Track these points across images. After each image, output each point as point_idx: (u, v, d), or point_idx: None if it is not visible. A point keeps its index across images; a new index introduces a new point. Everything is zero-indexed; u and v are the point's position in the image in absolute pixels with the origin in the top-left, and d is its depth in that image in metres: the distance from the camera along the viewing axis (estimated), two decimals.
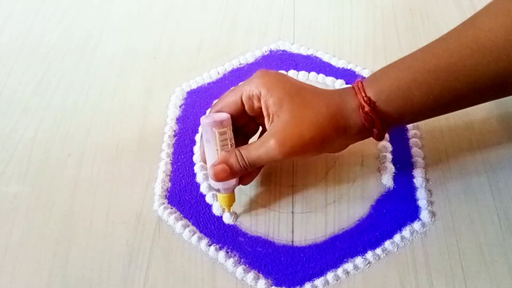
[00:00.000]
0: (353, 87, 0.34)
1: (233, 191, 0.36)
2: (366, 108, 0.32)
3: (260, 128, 0.38)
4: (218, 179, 0.34)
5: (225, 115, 0.34)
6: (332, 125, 0.32)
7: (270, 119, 0.34)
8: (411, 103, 0.32)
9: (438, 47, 0.32)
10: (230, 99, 0.35)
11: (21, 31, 0.54)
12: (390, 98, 0.32)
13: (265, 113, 0.34)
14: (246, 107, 0.35)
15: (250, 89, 0.34)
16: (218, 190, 0.36)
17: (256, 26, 0.53)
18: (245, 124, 0.37)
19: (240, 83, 0.35)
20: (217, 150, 0.34)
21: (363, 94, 0.32)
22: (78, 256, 0.36)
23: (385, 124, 0.33)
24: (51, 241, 0.37)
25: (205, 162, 0.36)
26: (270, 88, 0.33)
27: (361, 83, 0.33)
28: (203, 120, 0.34)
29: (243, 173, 0.35)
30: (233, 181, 0.35)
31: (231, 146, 0.35)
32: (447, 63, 0.31)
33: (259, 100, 0.34)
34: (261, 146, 0.33)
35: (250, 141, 0.38)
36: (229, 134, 0.34)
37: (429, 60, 0.32)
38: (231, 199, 0.36)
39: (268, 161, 0.34)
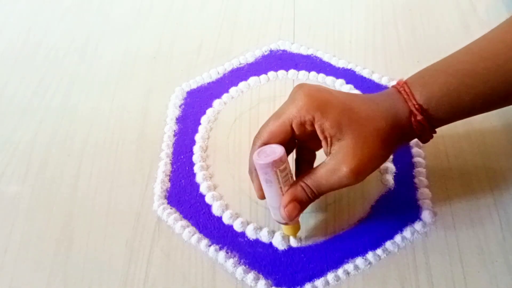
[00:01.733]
0: (400, 92, 0.32)
1: (298, 220, 0.35)
2: (419, 117, 0.31)
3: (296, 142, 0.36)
4: (292, 218, 0.33)
5: (280, 150, 0.32)
6: (395, 137, 0.32)
7: (329, 143, 0.32)
8: (460, 107, 0.32)
9: (485, 50, 0.32)
10: (278, 128, 0.32)
11: (21, 32, 0.54)
12: (439, 104, 0.31)
13: (321, 137, 0.32)
14: (297, 133, 0.32)
15: (301, 115, 0.31)
16: (285, 223, 0.34)
17: (256, 26, 0.53)
18: (290, 148, 0.35)
19: (282, 108, 0.33)
20: (280, 188, 0.32)
21: (414, 102, 0.31)
22: (78, 256, 0.36)
23: (433, 129, 0.33)
24: (51, 241, 0.37)
25: (261, 198, 0.34)
26: (323, 111, 0.31)
27: (408, 87, 0.32)
28: (259, 162, 0.31)
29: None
30: None
31: (291, 178, 0.33)
32: (495, 66, 0.31)
33: (312, 125, 0.31)
34: (332, 175, 0.31)
35: (292, 160, 0.36)
36: (288, 166, 0.32)
37: (477, 63, 0.31)
38: (297, 228, 0.35)
39: (339, 188, 0.32)
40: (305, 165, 0.35)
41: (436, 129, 0.33)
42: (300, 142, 0.35)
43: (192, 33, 0.53)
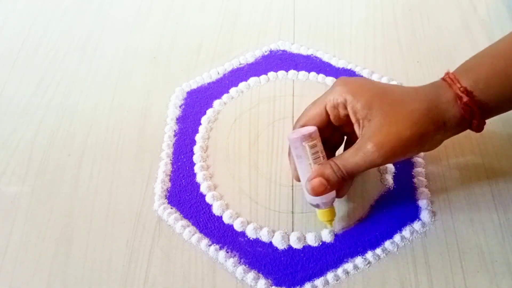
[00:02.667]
0: (443, 79, 0.32)
1: (332, 205, 0.35)
2: (465, 99, 0.31)
3: (345, 138, 0.37)
4: (316, 193, 0.33)
5: (312, 128, 0.33)
6: (429, 120, 0.31)
7: (361, 125, 0.32)
8: (509, 89, 0.31)
9: None
10: (314, 111, 0.34)
11: (21, 31, 0.54)
12: (487, 87, 0.31)
13: (353, 119, 0.32)
14: (332, 117, 0.33)
15: (334, 98, 0.32)
16: (317, 206, 0.34)
17: (256, 26, 0.53)
18: (330, 136, 0.35)
19: (322, 95, 0.34)
20: (310, 164, 0.33)
21: (459, 85, 0.31)
22: (78, 256, 0.36)
23: (484, 114, 0.32)
24: (51, 241, 0.37)
25: (298, 180, 0.35)
26: (356, 93, 0.32)
27: (453, 74, 0.32)
28: (291, 136, 0.33)
29: (340, 185, 0.33)
30: (332, 193, 0.34)
31: (323, 158, 0.33)
32: None
33: (345, 107, 0.32)
34: (357, 153, 0.31)
35: (337, 153, 0.37)
36: (320, 146, 0.33)
37: None
38: (332, 213, 0.35)
39: (366, 168, 0.32)
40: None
41: None
42: (342, 131, 0.35)
43: (192, 33, 0.53)
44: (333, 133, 0.35)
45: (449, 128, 0.32)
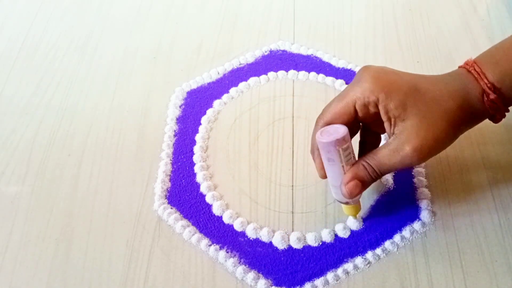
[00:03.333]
0: (470, 72, 0.32)
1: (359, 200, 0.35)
2: (492, 96, 0.30)
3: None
4: (352, 195, 0.32)
5: (344, 130, 0.31)
6: (463, 118, 0.31)
7: (393, 124, 0.31)
8: None
9: None
10: (341, 109, 0.32)
11: (21, 31, 0.54)
12: None
13: (384, 118, 0.31)
14: (360, 115, 0.32)
15: (365, 96, 0.31)
16: (346, 203, 0.34)
17: (256, 26, 0.53)
18: (354, 130, 0.34)
19: (347, 89, 0.33)
20: (342, 166, 0.32)
21: (486, 81, 0.31)
22: (78, 256, 0.36)
23: (506, 108, 0.32)
24: (51, 241, 0.37)
25: (323, 178, 0.35)
26: (388, 92, 0.30)
27: (478, 66, 0.31)
28: (322, 140, 0.31)
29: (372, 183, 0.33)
30: None
31: (353, 157, 0.33)
32: None
33: (375, 106, 0.31)
34: (394, 155, 0.31)
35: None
36: (351, 146, 0.32)
37: None
38: (359, 208, 0.35)
39: (401, 168, 0.32)
40: (369, 148, 0.35)
41: None
42: (364, 124, 0.34)
43: (192, 33, 0.53)
44: (354, 125, 0.34)
45: (476, 122, 0.32)
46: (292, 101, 0.45)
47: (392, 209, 0.37)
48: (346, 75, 0.47)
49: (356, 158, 0.33)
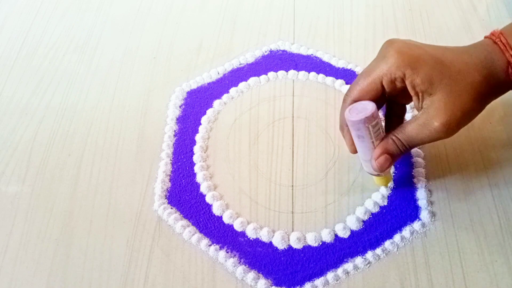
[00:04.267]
0: (496, 43, 0.32)
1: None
2: None
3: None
4: (383, 169, 0.34)
5: (372, 106, 0.32)
6: (488, 90, 0.31)
7: (420, 98, 0.32)
8: None
9: None
10: (368, 86, 0.32)
11: (20, 31, 0.54)
12: None
13: (412, 93, 0.32)
14: (388, 90, 0.32)
15: (391, 72, 0.31)
16: (377, 175, 0.36)
17: (256, 26, 0.53)
18: (380, 103, 0.35)
19: (372, 65, 0.33)
20: (372, 142, 0.33)
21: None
22: (78, 256, 0.36)
23: None
24: (51, 241, 0.37)
25: (354, 153, 0.36)
26: (414, 67, 0.31)
27: (504, 37, 0.31)
28: (351, 119, 0.32)
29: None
30: None
31: (382, 132, 0.34)
32: None
33: (402, 81, 0.31)
34: (422, 129, 0.31)
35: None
36: (380, 122, 0.33)
37: None
38: (390, 178, 0.38)
39: (429, 142, 0.32)
40: (395, 119, 0.36)
41: None
42: (391, 97, 0.34)
43: (192, 33, 0.53)
44: (381, 100, 0.34)
45: (500, 93, 0.32)
46: (292, 101, 0.45)
47: (392, 209, 0.37)
48: (346, 75, 0.47)
49: (384, 131, 0.34)
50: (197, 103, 0.46)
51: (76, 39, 0.53)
